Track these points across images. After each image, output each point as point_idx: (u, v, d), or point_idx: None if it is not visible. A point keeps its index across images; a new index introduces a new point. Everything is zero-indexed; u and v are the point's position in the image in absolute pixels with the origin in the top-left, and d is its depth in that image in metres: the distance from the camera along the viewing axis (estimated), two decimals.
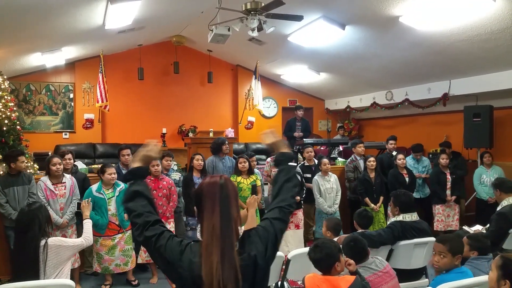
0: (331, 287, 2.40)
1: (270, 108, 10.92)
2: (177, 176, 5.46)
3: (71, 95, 9.27)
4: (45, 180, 4.40)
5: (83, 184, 4.86)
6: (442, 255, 2.71)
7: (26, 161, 4.58)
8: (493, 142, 6.55)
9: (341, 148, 8.27)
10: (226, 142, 5.87)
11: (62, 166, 4.45)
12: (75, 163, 5.38)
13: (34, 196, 4.40)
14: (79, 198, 4.56)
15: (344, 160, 7.01)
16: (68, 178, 4.55)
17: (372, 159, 5.81)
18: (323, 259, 2.50)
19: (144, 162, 1.79)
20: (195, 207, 1.68)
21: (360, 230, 3.64)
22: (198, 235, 5.00)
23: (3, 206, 4.34)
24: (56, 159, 4.41)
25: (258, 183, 5.31)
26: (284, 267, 3.21)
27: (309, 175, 5.84)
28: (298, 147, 7.31)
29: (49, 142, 8.56)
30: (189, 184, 5.08)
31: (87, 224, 3.41)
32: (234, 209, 1.56)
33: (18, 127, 5.48)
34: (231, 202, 1.56)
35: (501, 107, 6.75)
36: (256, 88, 9.47)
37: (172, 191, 4.92)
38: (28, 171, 5.24)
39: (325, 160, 5.71)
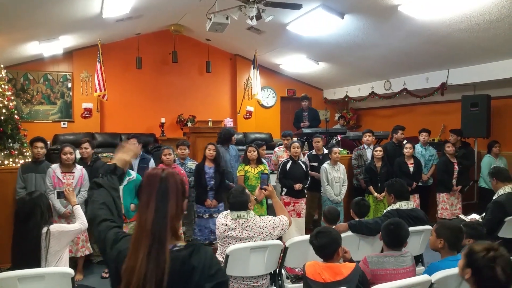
0: (333, 274, 2.42)
1: (268, 97, 10.92)
2: (193, 165, 5.44)
3: (69, 85, 9.24)
4: (55, 167, 4.42)
5: None
6: (431, 234, 2.87)
7: (41, 147, 4.58)
8: (490, 132, 6.59)
9: (339, 137, 8.29)
10: (235, 133, 5.96)
11: (73, 156, 4.44)
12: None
13: (49, 186, 4.41)
14: (72, 189, 4.55)
15: (342, 149, 7.04)
16: (78, 169, 4.53)
17: (379, 148, 5.84)
18: (328, 244, 2.53)
19: (120, 164, 1.77)
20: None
21: (356, 219, 3.67)
22: (204, 221, 5.06)
23: (17, 192, 4.38)
24: (67, 148, 4.41)
25: (266, 171, 5.31)
26: (282, 255, 3.25)
27: (315, 164, 5.87)
28: (305, 137, 7.34)
29: (48, 132, 8.52)
30: (200, 174, 5.11)
31: (78, 210, 3.48)
32: (172, 206, 1.44)
33: (16, 116, 5.49)
34: (170, 197, 1.44)
35: (498, 96, 6.76)
36: (255, 78, 9.44)
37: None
38: (27, 160, 5.27)
39: (336, 149, 5.72)
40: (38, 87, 9.02)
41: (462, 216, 4.45)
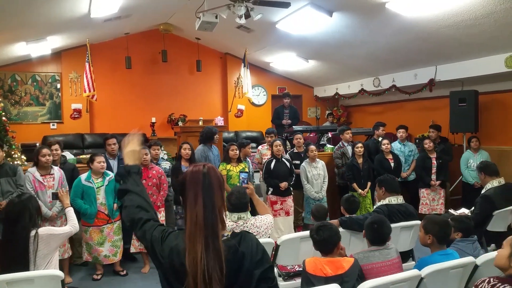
0: (334, 268, 2.46)
1: (259, 96, 10.92)
2: (167, 165, 5.43)
3: (58, 85, 9.14)
4: (33, 171, 4.32)
5: (72, 174, 4.81)
6: (420, 230, 2.91)
7: None
8: (478, 127, 6.66)
9: (330, 135, 8.34)
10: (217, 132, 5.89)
11: (51, 158, 4.39)
12: (63, 153, 5.30)
13: (22, 188, 4.34)
14: (68, 189, 4.52)
15: (333, 146, 7.07)
16: (56, 170, 4.48)
17: (360, 145, 5.88)
18: (330, 238, 2.55)
19: (131, 158, 1.76)
20: (180, 196, 1.66)
21: (347, 215, 3.70)
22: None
23: None
24: (45, 150, 4.35)
25: (246, 170, 5.32)
26: (273, 252, 3.26)
27: (298, 162, 5.88)
28: (286, 134, 7.34)
29: (37, 133, 8.46)
30: (177, 173, 5.04)
31: (70, 212, 3.44)
32: (218, 198, 1.53)
33: (3, 118, 5.43)
34: (215, 190, 1.53)
35: (486, 92, 6.83)
36: (245, 76, 9.42)
37: (162, 180, 4.91)
38: (16, 162, 5.21)
39: (312, 147, 5.76)
40: (26, 88, 8.91)
41: (451, 211, 4.50)
